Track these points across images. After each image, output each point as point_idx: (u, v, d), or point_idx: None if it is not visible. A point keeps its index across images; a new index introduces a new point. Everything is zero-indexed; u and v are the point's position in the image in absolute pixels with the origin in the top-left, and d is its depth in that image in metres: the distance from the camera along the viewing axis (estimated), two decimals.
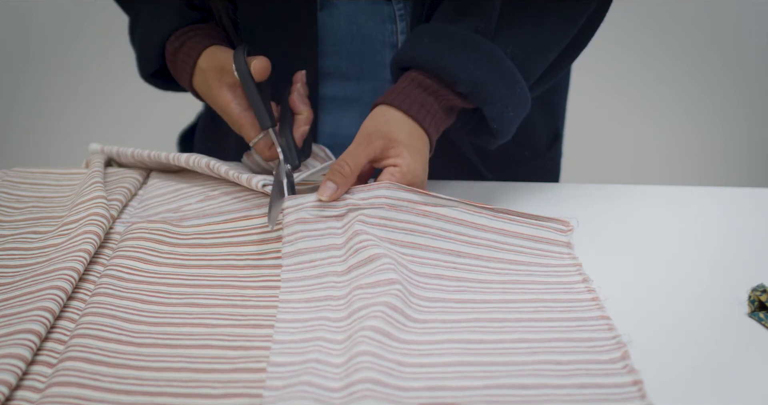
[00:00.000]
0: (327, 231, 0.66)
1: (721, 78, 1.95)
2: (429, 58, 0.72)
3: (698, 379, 0.53)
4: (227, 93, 0.75)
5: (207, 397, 0.50)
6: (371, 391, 0.49)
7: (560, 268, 0.65)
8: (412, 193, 0.67)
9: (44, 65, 1.95)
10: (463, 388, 0.50)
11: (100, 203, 0.72)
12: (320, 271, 0.63)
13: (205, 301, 0.61)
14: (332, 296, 0.60)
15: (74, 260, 0.63)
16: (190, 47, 0.79)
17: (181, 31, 0.81)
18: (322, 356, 0.53)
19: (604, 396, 0.50)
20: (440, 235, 0.66)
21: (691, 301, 0.63)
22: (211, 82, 0.77)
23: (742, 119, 1.99)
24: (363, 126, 0.71)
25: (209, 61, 0.77)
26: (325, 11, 0.80)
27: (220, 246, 0.68)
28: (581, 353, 0.54)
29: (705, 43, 1.91)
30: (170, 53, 0.81)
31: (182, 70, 0.80)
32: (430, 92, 0.72)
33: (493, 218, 0.68)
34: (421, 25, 0.75)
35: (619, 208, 0.79)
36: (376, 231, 0.65)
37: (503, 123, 0.74)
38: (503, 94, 0.72)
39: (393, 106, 0.72)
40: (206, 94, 0.79)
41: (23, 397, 0.50)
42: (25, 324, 0.54)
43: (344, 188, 0.67)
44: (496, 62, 0.72)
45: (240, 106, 0.75)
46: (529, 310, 0.59)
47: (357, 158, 0.68)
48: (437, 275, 0.63)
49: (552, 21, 0.75)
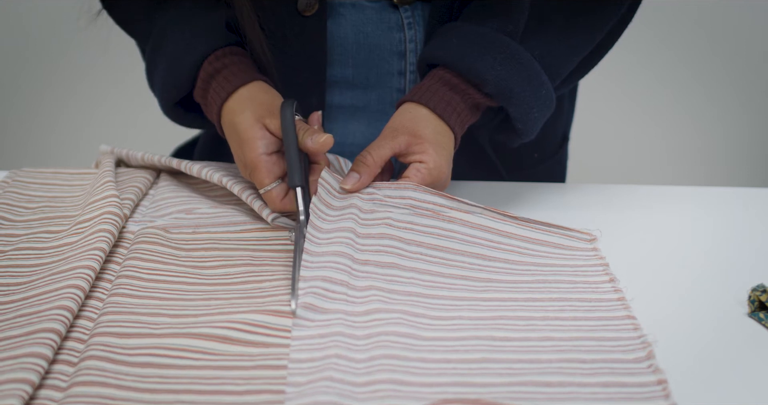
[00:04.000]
0: (349, 216, 0.66)
1: (724, 79, 1.96)
2: (457, 57, 0.72)
3: (698, 379, 0.53)
4: (259, 130, 0.69)
5: (230, 393, 0.50)
6: (395, 391, 0.50)
7: (587, 268, 0.66)
8: (439, 197, 0.68)
9: (44, 65, 1.94)
10: (488, 385, 0.51)
11: (113, 202, 0.72)
12: (338, 249, 0.63)
13: (224, 296, 0.62)
14: (349, 283, 0.60)
15: (90, 258, 0.63)
16: (233, 73, 0.73)
17: (221, 53, 0.74)
18: (342, 351, 0.53)
19: (628, 395, 0.50)
20: (467, 240, 0.66)
21: (690, 300, 0.63)
22: (246, 112, 0.70)
23: (744, 119, 2.01)
24: (389, 122, 0.72)
25: (259, 94, 0.72)
26: (333, 20, 0.80)
27: (236, 250, 0.69)
28: (606, 352, 0.54)
29: (708, 44, 1.92)
30: (206, 74, 0.74)
31: (217, 93, 0.73)
32: (456, 90, 0.72)
33: (517, 226, 0.68)
34: (449, 24, 0.75)
35: (619, 209, 0.80)
36: (403, 234, 0.65)
37: (528, 123, 0.75)
38: (529, 95, 0.73)
39: (419, 104, 0.72)
40: (232, 122, 0.71)
41: (46, 396, 0.50)
42: (45, 323, 0.55)
43: (367, 178, 0.68)
44: (522, 64, 0.72)
45: (265, 147, 0.68)
46: (555, 309, 0.60)
47: (381, 150, 0.69)
48: (464, 276, 0.64)
49: (580, 25, 0.75)
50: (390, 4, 0.81)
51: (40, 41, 1.91)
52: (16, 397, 0.48)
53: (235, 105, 0.71)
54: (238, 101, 0.71)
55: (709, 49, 1.93)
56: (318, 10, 0.77)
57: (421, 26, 0.81)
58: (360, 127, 0.85)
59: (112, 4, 0.81)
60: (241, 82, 0.72)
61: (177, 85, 0.75)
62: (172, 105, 0.78)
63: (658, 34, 1.85)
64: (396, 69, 0.82)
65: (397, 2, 0.81)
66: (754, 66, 1.95)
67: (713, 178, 2.02)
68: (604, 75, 0.83)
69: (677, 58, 1.94)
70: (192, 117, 0.80)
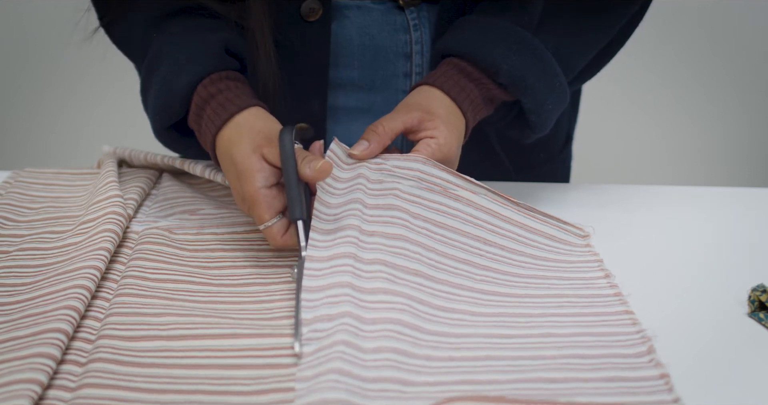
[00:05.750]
0: (357, 186, 0.66)
1: (724, 79, 1.97)
2: (472, 47, 0.72)
3: (698, 379, 0.53)
4: (258, 161, 0.64)
5: (239, 394, 0.51)
6: (401, 393, 0.50)
7: (581, 264, 0.66)
8: (446, 173, 0.68)
9: (44, 65, 1.94)
10: (493, 382, 0.51)
11: (117, 202, 0.72)
12: (345, 223, 0.63)
13: (231, 299, 0.62)
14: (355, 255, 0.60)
15: (95, 258, 0.64)
16: (228, 98, 0.68)
17: (217, 76, 0.70)
18: (350, 338, 0.53)
19: (631, 389, 0.50)
20: (470, 221, 0.67)
21: (690, 300, 0.63)
22: (244, 142, 0.65)
23: (744, 119, 2.01)
24: (403, 101, 0.72)
25: (256, 121, 0.67)
26: (338, 23, 0.79)
27: (241, 250, 0.69)
28: (607, 347, 0.55)
29: (708, 44, 1.93)
30: (201, 98, 0.69)
31: (211, 120, 0.68)
32: (471, 79, 0.73)
33: (517, 212, 0.69)
34: (463, 17, 0.76)
35: (619, 209, 0.80)
36: (410, 207, 0.65)
37: (541, 116, 0.75)
38: (543, 86, 0.73)
39: (434, 86, 0.72)
40: (228, 152, 0.66)
41: (55, 396, 0.50)
42: (52, 323, 0.55)
43: (376, 146, 0.68)
44: (537, 55, 0.72)
45: (265, 180, 0.64)
46: (554, 306, 0.60)
47: (393, 122, 0.69)
48: (465, 260, 0.64)
49: (594, 20, 0.76)
50: (395, 5, 0.81)
51: (40, 41, 1.91)
52: (25, 398, 0.48)
53: (231, 133, 0.67)
54: (234, 129, 0.67)
55: (709, 49, 1.94)
56: (322, 15, 0.77)
57: (426, 28, 0.81)
58: (364, 128, 0.85)
59: (111, 22, 0.78)
60: (237, 109, 0.67)
61: (168, 108, 0.71)
62: (163, 129, 0.73)
63: (658, 34, 1.86)
64: (401, 71, 0.82)
65: (403, 4, 0.81)
66: (754, 66, 1.96)
67: (713, 178, 2.03)
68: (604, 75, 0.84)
69: (677, 58, 1.95)
70: (186, 143, 0.75)
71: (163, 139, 0.74)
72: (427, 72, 0.82)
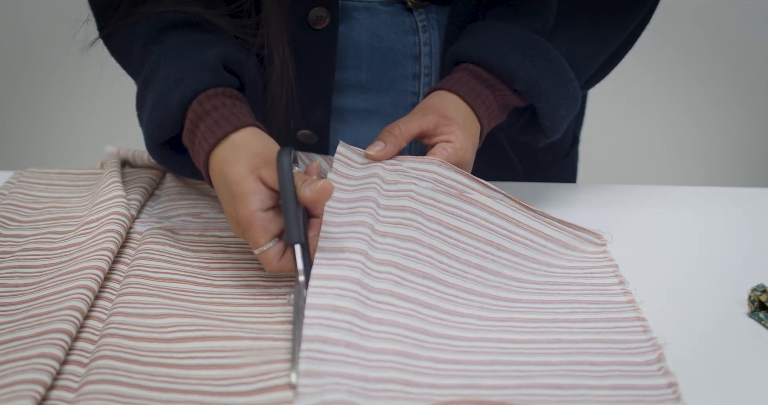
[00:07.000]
0: (371, 185, 0.66)
1: (724, 79, 1.97)
2: (487, 53, 0.72)
3: (698, 379, 0.53)
4: (254, 183, 0.61)
5: (240, 394, 0.51)
6: (404, 393, 0.50)
7: (596, 270, 0.66)
8: (462, 176, 0.68)
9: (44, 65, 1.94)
10: (498, 387, 0.51)
11: (120, 202, 0.72)
12: (357, 219, 0.63)
13: (233, 300, 0.62)
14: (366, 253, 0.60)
15: (98, 259, 0.64)
16: (224, 116, 0.65)
17: (213, 92, 0.67)
18: (353, 338, 0.53)
19: (639, 397, 0.50)
20: (484, 225, 0.67)
21: (690, 300, 0.63)
22: (240, 162, 0.62)
23: (744, 119, 2.01)
24: (419, 104, 0.72)
25: (253, 143, 0.64)
26: (346, 24, 0.79)
27: (244, 252, 0.69)
28: (616, 355, 0.54)
29: (708, 44, 1.93)
30: (195, 115, 0.66)
31: (205, 138, 0.65)
32: (487, 85, 0.73)
33: (532, 218, 0.69)
34: (476, 23, 0.76)
35: (618, 209, 0.80)
36: (425, 209, 0.65)
37: (555, 121, 0.75)
38: (557, 92, 0.73)
39: (450, 92, 0.72)
40: (222, 173, 0.63)
41: (58, 396, 0.50)
42: (55, 323, 0.55)
43: (392, 148, 0.68)
44: (551, 60, 0.73)
45: (261, 203, 0.61)
46: (565, 311, 0.60)
47: (409, 124, 0.69)
48: (477, 265, 0.64)
49: (606, 24, 0.76)
50: (404, 7, 0.81)
51: (40, 41, 1.91)
52: (28, 398, 0.48)
53: (225, 153, 0.64)
54: (229, 149, 0.64)
55: (709, 49, 1.94)
56: (329, 23, 0.76)
57: (435, 29, 0.81)
58: (373, 130, 0.84)
59: (110, 34, 0.76)
60: (233, 128, 0.64)
61: (162, 124, 0.67)
62: (157, 146, 0.70)
63: (658, 35, 1.86)
64: (410, 72, 0.82)
65: (411, 5, 0.80)
66: (754, 66, 1.96)
67: (713, 178, 2.03)
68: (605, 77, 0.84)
69: (677, 58, 1.95)
70: (181, 161, 0.71)
71: (157, 156, 0.71)
72: (436, 74, 0.82)
